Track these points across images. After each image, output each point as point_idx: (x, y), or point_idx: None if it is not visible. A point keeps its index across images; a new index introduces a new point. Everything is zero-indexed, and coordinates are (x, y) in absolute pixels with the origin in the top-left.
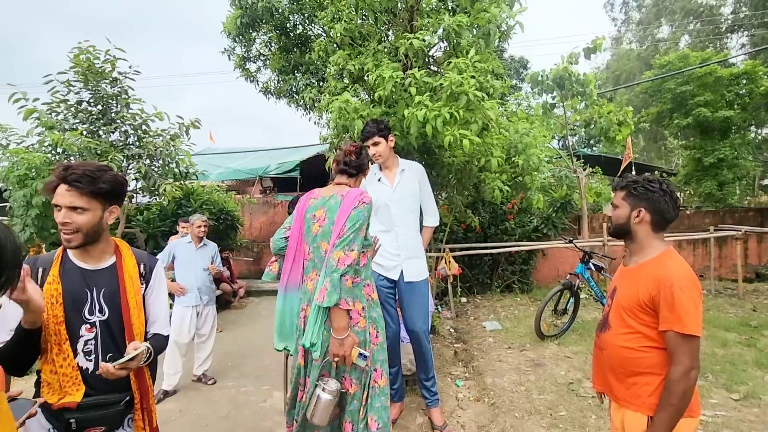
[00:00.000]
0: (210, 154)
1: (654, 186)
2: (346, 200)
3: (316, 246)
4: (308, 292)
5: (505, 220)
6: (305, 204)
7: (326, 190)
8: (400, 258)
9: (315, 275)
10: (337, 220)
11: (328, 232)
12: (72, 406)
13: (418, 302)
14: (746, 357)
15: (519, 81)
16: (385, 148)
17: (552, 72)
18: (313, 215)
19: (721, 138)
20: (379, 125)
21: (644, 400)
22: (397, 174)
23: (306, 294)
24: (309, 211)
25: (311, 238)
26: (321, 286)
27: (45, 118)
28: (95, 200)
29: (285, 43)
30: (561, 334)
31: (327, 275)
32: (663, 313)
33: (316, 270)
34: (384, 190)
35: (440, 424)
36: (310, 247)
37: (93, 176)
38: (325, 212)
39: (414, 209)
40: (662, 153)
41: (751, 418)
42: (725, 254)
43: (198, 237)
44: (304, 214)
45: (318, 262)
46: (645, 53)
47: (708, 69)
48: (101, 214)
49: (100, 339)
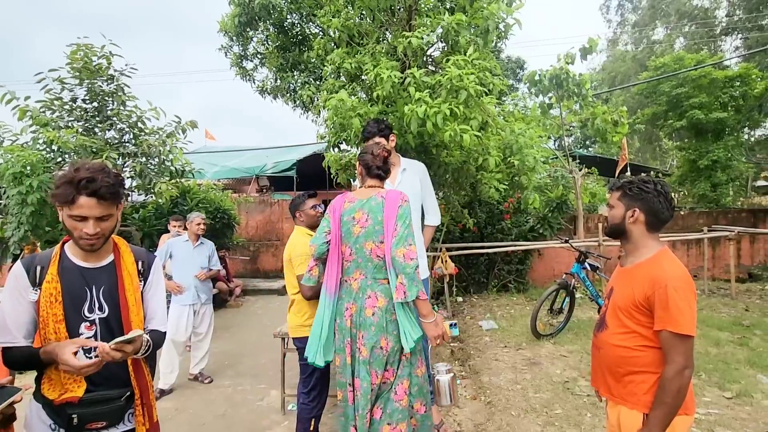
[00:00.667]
0: (206, 153)
1: (648, 186)
2: (388, 201)
3: (359, 246)
4: (353, 291)
5: (502, 219)
6: (340, 207)
7: (360, 193)
8: None
9: (359, 275)
10: (385, 220)
11: (372, 232)
12: (73, 401)
13: None
14: (739, 356)
15: (516, 81)
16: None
17: (549, 72)
18: (352, 217)
19: (715, 140)
20: (380, 125)
21: (640, 398)
22: (399, 173)
23: (350, 294)
24: (346, 213)
25: (353, 240)
26: (395, 284)
27: (38, 116)
28: (115, 205)
29: (283, 42)
30: (557, 334)
31: (399, 272)
32: (658, 313)
33: (359, 270)
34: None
35: (437, 422)
36: (351, 249)
37: (116, 184)
38: (367, 213)
39: (416, 208)
40: (657, 154)
41: (743, 416)
42: (718, 255)
43: (196, 235)
44: (341, 217)
45: (361, 262)
46: (640, 55)
47: (702, 71)
48: (117, 215)
49: (100, 336)
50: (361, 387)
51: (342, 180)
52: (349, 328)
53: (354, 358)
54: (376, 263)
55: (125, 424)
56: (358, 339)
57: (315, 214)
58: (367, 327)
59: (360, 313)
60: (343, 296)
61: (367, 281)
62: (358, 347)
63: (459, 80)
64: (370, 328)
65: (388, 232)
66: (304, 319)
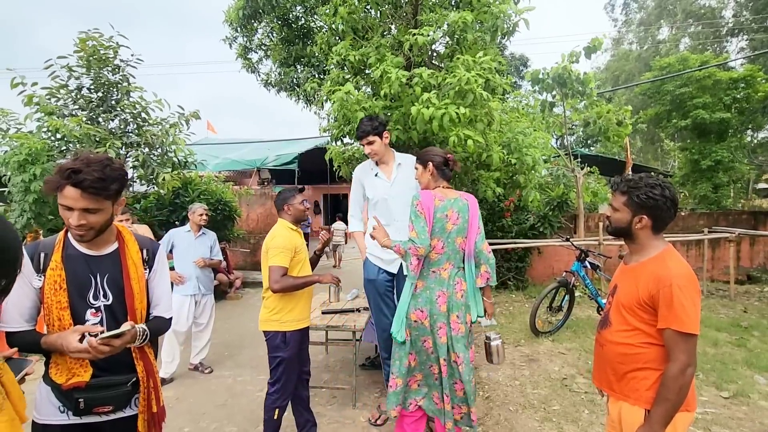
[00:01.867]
0: (208, 144)
1: (656, 193)
2: (471, 203)
3: (451, 240)
4: (444, 280)
5: (502, 217)
6: (432, 205)
7: (448, 192)
8: None
9: (448, 265)
10: (471, 219)
11: (462, 229)
12: (80, 386)
13: None
14: (736, 356)
15: (519, 79)
16: (380, 146)
17: (552, 70)
18: (445, 215)
19: (717, 141)
20: (374, 123)
21: (641, 394)
22: (394, 168)
23: (442, 282)
24: (439, 211)
25: (446, 235)
26: (479, 272)
27: (44, 104)
28: (107, 200)
29: (287, 35)
30: (555, 331)
31: (484, 263)
32: (662, 312)
33: (449, 261)
34: (382, 185)
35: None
36: (443, 242)
37: (104, 179)
38: (457, 212)
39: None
40: (659, 155)
41: (739, 415)
42: (718, 256)
43: (198, 225)
44: (434, 214)
45: (451, 255)
46: (645, 54)
47: (707, 72)
48: (112, 210)
49: (105, 323)
50: (464, 359)
51: (345, 174)
52: (444, 312)
53: (449, 338)
54: (461, 255)
55: (132, 408)
56: (452, 320)
57: (303, 210)
58: (459, 308)
59: (452, 298)
60: (432, 286)
61: (455, 270)
62: (452, 326)
63: (467, 83)
64: (461, 308)
65: (472, 229)
66: (272, 314)
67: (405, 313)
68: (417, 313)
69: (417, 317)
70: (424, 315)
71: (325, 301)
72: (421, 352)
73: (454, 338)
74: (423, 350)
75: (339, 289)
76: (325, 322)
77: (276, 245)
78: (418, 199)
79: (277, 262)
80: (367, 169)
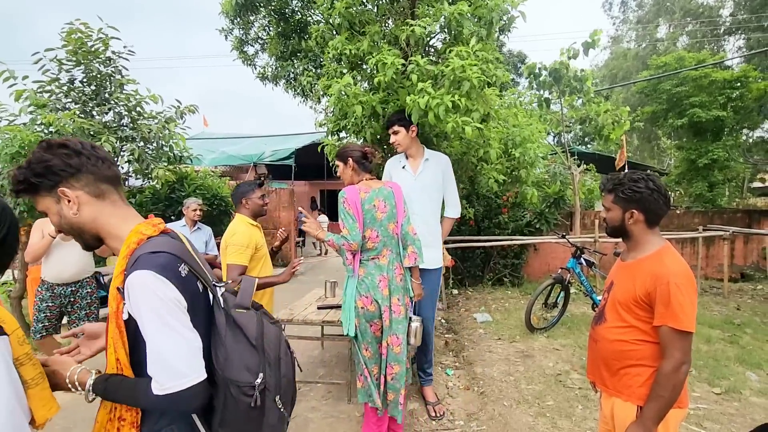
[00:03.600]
0: (204, 139)
1: (640, 186)
2: (396, 189)
3: (384, 228)
4: (383, 266)
5: (499, 213)
6: (357, 198)
7: (371, 184)
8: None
9: (387, 251)
10: (397, 204)
11: (392, 215)
12: None
13: (428, 289)
14: (729, 353)
15: (517, 75)
16: (404, 137)
17: (550, 65)
18: (373, 205)
19: (713, 139)
20: (401, 114)
21: (634, 390)
22: (421, 163)
23: (381, 268)
24: (366, 202)
25: (377, 224)
26: (407, 253)
27: (36, 98)
28: (42, 198)
29: (283, 29)
30: (550, 327)
31: (410, 243)
32: (658, 309)
33: (386, 248)
34: (406, 177)
35: (433, 400)
36: (377, 231)
37: (21, 179)
38: (383, 201)
39: (434, 199)
40: (655, 153)
41: (731, 411)
42: (712, 254)
43: (192, 220)
44: (362, 206)
45: (387, 241)
46: (643, 53)
47: (702, 72)
48: (59, 210)
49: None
50: (402, 340)
51: None
52: (387, 296)
53: (391, 320)
54: (395, 240)
55: None
56: (393, 302)
57: (262, 204)
58: (399, 291)
59: (392, 282)
60: (373, 272)
61: (393, 255)
62: (393, 309)
63: (462, 71)
64: (400, 291)
65: (399, 214)
66: None
67: (351, 307)
68: (363, 300)
69: (363, 303)
70: (369, 300)
71: (321, 297)
72: (373, 342)
73: (394, 320)
74: (374, 337)
75: (335, 285)
76: (321, 317)
77: (235, 242)
78: (344, 196)
79: (235, 260)
80: (397, 161)
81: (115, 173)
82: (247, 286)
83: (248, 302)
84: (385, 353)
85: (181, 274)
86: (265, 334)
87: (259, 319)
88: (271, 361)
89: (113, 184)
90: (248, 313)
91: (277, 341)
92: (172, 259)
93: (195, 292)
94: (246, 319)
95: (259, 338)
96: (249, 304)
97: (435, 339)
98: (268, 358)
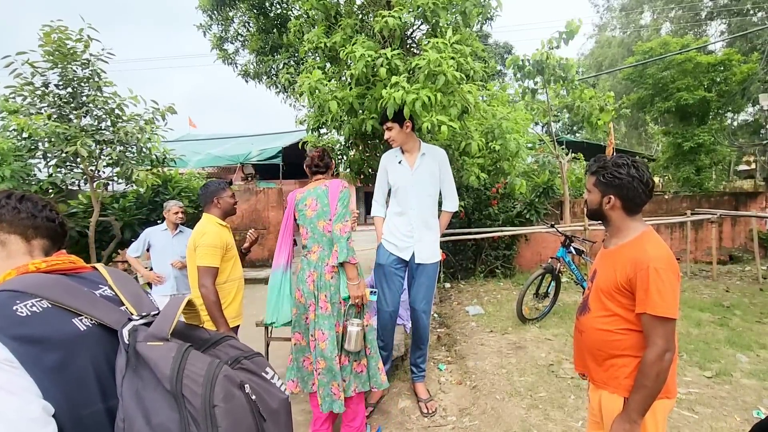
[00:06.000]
0: (190, 141)
1: (622, 172)
2: (331, 188)
3: (313, 225)
4: (312, 262)
5: (489, 205)
6: (293, 199)
7: (310, 185)
8: (413, 240)
9: (317, 248)
10: (330, 203)
11: (322, 213)
12: None
13: (425, 283)
14: (719, 336)
15: (503, 67)
16: (398, 132)
17: (532, 56)
18: (305, 204)
19: (699, 123)
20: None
21: (621, 382)
22: (418, 157)
23: (311, 264)
24: (300, 202)
25: (307, 221)
26: (333, 251)
27: (9, 102)
28: None
29: (263, 24)
30: (542, 318)
31: (336, 242)
32: (639, 296)
33: (317, 244)
34: (403, 172)
35: (425, 397)
36: (307, 229)
37: None
38: (315, 199)
39: (431, 193)
40: (642, 139)
41: (722, 394)
42: (701, 237)
43: (174, 224)
44: (296, 206)
45: (318, 237)
46: (628, 40)
47: (687, 56)
48: None
49: None
50: (328, 336)
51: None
52: (312, 291)
53: (317, 315)
54: (329, 237)
55: None
56: (321, 299)
57: (233, 203)
58: (328, 288)
59: (321, 278)
60: (304, 267)
61: (325, 252)
62: (320, 305)
63: (437, 65)
64: (330, 288)
65: (332, 212)
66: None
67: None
68: (297, 292)
69: (297, 296)
70: (300, 294)
71: None
72: (306, 333)
73: (320, 316)
74: (306, 327)
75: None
76: None
77: (205, 243)
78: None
79: (206, 263)
80: (392, 156)
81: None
82: (169, 309)
83: (166, 330)
84: (312, 347)
85: (18, 312)
86: (188, 374)
87: (182, 352)
88: (196, 412)
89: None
90: (165, 347)
91: (209, 379)
92: (7, 296)
93: (55, 334)
94: (158, 355)
95: (176, 380)
96: (167, 332)
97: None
98: (190, 409)
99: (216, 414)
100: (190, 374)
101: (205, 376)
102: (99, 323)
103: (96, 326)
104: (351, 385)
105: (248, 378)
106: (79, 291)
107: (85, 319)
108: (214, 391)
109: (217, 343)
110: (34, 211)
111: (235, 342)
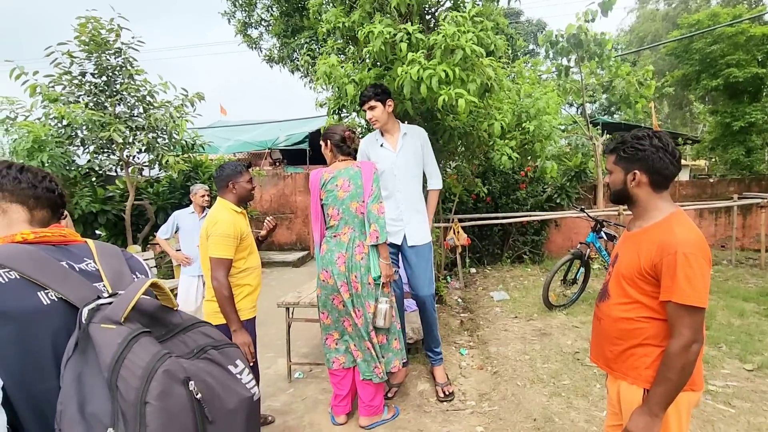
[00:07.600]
0: (220, 127)
1: (644, 143)
2: (365, 169)
3: (345, 207)
4: (344, 243)
5: (517, 189)
6: (318, 179)
7: (339, 165)
8: (402, 223)
9: (348, 229)
10: (365, 184)
11: (356, 194)
12: None
13: (422, 266)
14: (763, 327)
15: (536, 46)
16: (382, 112)
17: (566, 29)
18: (336, 184)
19: (751, 101)
20: (376, 89)
21: (641, 373)
22: (399, 138)
23: (341, 245)
24: (329, 183)
25: (339, 202)
26: (369, 231)
27: (48, 92)
28: None
29: (285, 7)
30: (570, 305)
31: (373, 222)
32: (665, 282)
33: (347, 225)
34: (387, 155)
35: (442, 381)
36: (338, 210)
37: None
38: (348, 180)
39: (416, 174)
40: (687, 120)
41: (764, 388)
42: (749, 223)
43: (201, 207)
44: (322, 186)
45: (349, 220)
46: (673, 13)
47: (739, 27)
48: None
49: None
50: (363, 315)
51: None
52: (344, 272)
53: (351, 295)
54: (361, 219)
55: None
56: (352, 279)
57: (250, 189)
58: (358, 269)
59: (351, 259)
60: (333, 248)
61: (355, 234)
62: (352, 285)
63: (454, 39)
64: (360, 269)
65: (366, 192)
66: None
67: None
68: (323, 273)
69: (324, 277)
70: (328, 275)
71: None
72: (333, 310)
73: (354, 295)
74: (334, 308)
75: None
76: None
77: (218, 232)
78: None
79: (219, 254)
80: (373, 140)
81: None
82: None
83: (120, 314)
84: (361, 323)
85: None
86: (128, 364)
87: (129, 339)
88: (127, 407)
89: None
90: (115, 330)
91: (147, 373)
92: None
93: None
94: (105, 339)
95: (113, 370)
96: (121, 316)
97: (450, 318)
98: (121, 403)
99: (146, 412)
100: (130, 365)
101: (143, 368)
102: (64, 299)
103: (61, 301)
104: (392, 361)
105: (208, 371)
106: (51, 264)
107: (51, 293)
108: (150, 386)
109: (187, 330)
110: (35, 181)
111: (208, 329)
